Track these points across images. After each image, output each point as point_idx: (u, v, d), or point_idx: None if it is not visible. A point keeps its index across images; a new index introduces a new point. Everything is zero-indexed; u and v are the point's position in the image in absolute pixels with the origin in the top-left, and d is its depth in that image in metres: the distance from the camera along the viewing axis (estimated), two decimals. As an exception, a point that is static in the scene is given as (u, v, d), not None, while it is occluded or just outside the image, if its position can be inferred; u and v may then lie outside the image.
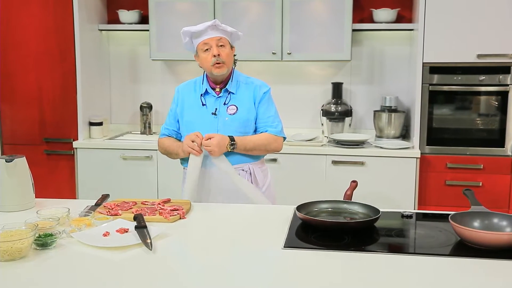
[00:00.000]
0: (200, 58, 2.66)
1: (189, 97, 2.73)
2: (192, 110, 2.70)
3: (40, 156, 4.24)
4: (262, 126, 2.71)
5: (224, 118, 2.65)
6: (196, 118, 2.68)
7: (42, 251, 1.84)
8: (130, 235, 1.98)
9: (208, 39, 2.61)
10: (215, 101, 2.69)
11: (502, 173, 3.79)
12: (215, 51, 2.59)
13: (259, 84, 2.76)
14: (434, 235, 2.08)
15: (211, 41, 2.61)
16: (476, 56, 3.75)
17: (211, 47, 2.60)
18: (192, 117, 2.69)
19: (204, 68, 2.69)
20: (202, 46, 2.62)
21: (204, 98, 2.69)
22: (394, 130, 4.15)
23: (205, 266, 1.74)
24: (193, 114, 2.69)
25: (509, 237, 1.87)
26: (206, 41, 2.61)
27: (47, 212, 2.12)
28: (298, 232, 2.07)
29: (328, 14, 4.06)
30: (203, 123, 2.65)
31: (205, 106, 2.67)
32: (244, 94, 2.71)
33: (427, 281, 1.65)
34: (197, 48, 2.66)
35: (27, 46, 4.15)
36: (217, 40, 2.61)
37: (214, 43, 2.60)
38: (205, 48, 2.61)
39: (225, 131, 2.63)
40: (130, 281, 1.64)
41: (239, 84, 2.72)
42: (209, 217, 2.30)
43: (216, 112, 2.66)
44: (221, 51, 2.61)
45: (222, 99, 2.68)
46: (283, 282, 1.64)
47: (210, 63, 2.61)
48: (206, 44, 2.61)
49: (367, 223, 2.08)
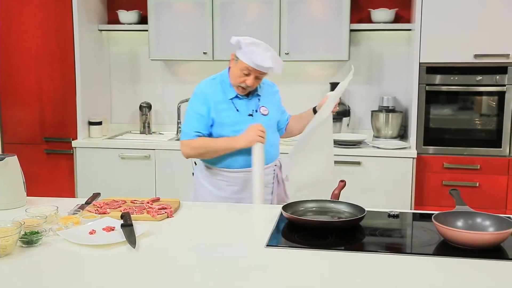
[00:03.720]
0: (234, 69, 2.61)
1: (218, 98, 2.64)
2: (229, 114, 2.64)
3: (40, 155, 4.28)
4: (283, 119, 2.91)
5: (260, 119, 2.67)
6: (235, 122, 2.63)
7: (27, 248, 1.87)
8: (116, 233, 2.00)
9: (252, 69, 2.55)
10: (247, 104, 2.68)
11: (499, 174, 3.78)
12: (250, 82, 2.57)
13: (272, 85, 2.84)
14: (418, 234, 2.09)
15: (254, 72, 2.57)
16: (473, 56, 3.74)
17: (250, 75, 2.57)
18: (231, 121, 2.64)
19: (230, 77, 2.65)
20: (244, 68, 2.56)
21: (234, 103, 2.66)
22: (391, 130, 4.15)
23: (187, 264, 1.76)
24: (231, 119, 2.64)
25: (492, 237, 1.88)
26: (250, 69, 2.55)
27: (35, 210, 2.14)
28: (283, 231, 2.08)
29: (326, 14, 4.06)
30: (242, 126, 2.61)
31: (239, 111, 2.65)
32: (268, 95, 2.77)
33: (409, 280, 1.66)
34: (239, 61, 2.58)
35: (27, 46, 4.19)
36: (259, 73, 2.58)
37: (254, 74, 2.57)
38: (245, 72, 2.57)
39: None
40: (112, 278, 1.66)
41: (261, 85, 2.74)
42: (196, 216, 2.31)
43: (253, 114, 2.67)
44: (255, 82, 2.60)
45: (254, 102, 2.69)
46: (263, 280, 1.65)
47: (238, 83, 2.60)
48: (248, 70, 2.56)
49: (352, 222, 2.09)
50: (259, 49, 2.54)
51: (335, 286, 1.61)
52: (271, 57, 2.54)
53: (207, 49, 4.20)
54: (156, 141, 4.21)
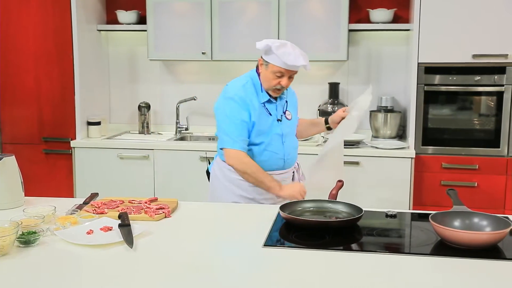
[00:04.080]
0: (265, 73, 2.60)
1: (255, 104, 2.63)
2: (264, 120, 2.64)
3: (39, 155, 4.28)
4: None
5: (287, 123, 2.72)
6: (269, 127, 2.66)
7: (25, 248, 1.87)
8: (113, 233, 2.00)
9: (285, 70, 2.55)
10: (277, 108, 2.70)
11: (497, 174, 3.78)
12: (285, 83, 2.58)
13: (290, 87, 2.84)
14: (415, 234, 2.10)
15: (288, 73, 2.57)
16: (471, 57, 3.74)
17: (284, 76, 2.57)
18: (265, 127, 2.65)
19: (262, 82, 2.64)
20: (276, 71, 2.55)
21: (266, 107, 2.66)
22: (390, 130, 4.15)
23: (184, 264, 1.76)
24: (266, 124, 2.65)
25: (488, 237, 1.88)
26: (283, 70, 2.55)
27: (33, 210, 2.15)
28: (281, 231, 2.08)
29: (324, 14, 4.07)
30: (273, 131, 2.66)
31: (271, 115, 2.67)
32: (291, 99, 2.81)
33: (406, 280, 1.66)
34: (270, 65, 2.57)
35: (26, 46, 4.19)
36: (293, 73, 2.59)
37: (288, 75, 2.57)
38: (278, 74, 2.56)
39: (288, 134, 2.73)
40: (109, 278, 1.66)
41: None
42: (194, 216, 2.32)
43: (281, 118, 2.70)
44: (289, 83, 2.62)
45: (281, 106, 2.72)
46: (260, 280, 1.66)
47: (272, 86, 2.60)
48: (281, 72, 2.55)
49: (349, 222, 2.09)
50: (288, 49, 2.53)
51: (332, 285, 1.61)
52: (301, 55, 2.55)
53: (205, 49, 4.20)
54: (155, 141, 4.21)
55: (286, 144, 2.71)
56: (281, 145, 2.68)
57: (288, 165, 2.73)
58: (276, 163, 2.68)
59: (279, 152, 2.68)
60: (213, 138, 4.42)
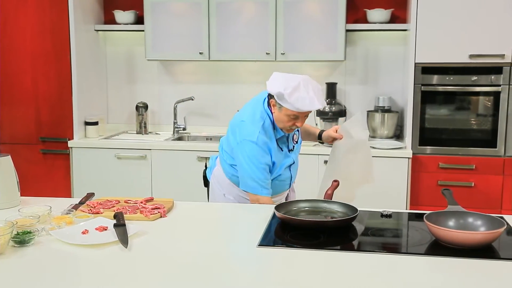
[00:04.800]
0: (279, 115, 2.52)
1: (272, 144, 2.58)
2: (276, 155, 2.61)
3: (36, 155, 4.28)
4: None
5: (296, 149, 2.75)
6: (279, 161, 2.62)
7: (19, 248, 1.87)
8: (109, 233, 2.01)
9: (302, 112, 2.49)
10: (288, 139, 2.68)
11: (494, 174, 3.78)
12: (300, 124, 2.53)
13: None
14: (410, 234, 2.10)
15: (301, 114, 2.50)
16: (468, 57, 3.75)
17: (299, 118, 2.51)
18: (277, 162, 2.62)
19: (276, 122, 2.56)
20: (291, 114, 2.48)
21: (279, 143, 2.63)
22: (387, 130, 4.16)
23: (179, 264, 1.77)
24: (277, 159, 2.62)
25: (483, 237, 1.88)
26: (298, 114, 2.48)
27: (29, 210, 2.15)
28: (276, 231, 2.09)
29: (322, 14, 4.07)
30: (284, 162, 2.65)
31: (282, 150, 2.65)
32: None
33: (400, 279, 1.66)
34: (283, 108, 2.47)
35: (23, 46, 4.19)
36: (308, 113, 2.53)
37: (303, 115, 2.52)
38: (293, 117, 2.49)
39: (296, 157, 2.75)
40: (104, 278, 1.66)
41: None
42: (190, 215, 2.32)
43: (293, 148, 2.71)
44: (304, 122, 2.57)
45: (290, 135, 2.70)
46: (254, 280, 1.66)
47: (287, 127, 2.54)
48: (295, 115, 2.49)
49: (344, 222, 2.09)
50: (301, 93, 2.42)
51: (327, 285, 1.62)
52: (315, 96, 2.44)
53: (203, 49, 4.20)
54: (152, 141, 4.22)
55: (294, 169, 2.74)
56: (289, 172, 2.70)
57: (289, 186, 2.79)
58: (283, 188, 2.73)
59: (287, 179, 2.71)
60: (211, 138, 4.42)
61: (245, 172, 2.55)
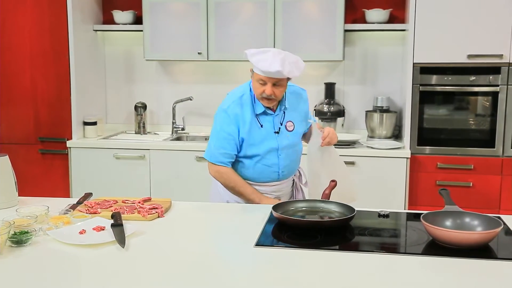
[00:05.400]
0: (253, 82, 2.53)
1: (247, 119, 2.56)
2: (255, 133, 2.57)
3: (35, 155, 4.28)
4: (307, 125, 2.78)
5: (286, 135, 2.62)
6: (261, 139, 2.58)
7: (17, 248, 1.87)
8: (106, 233, 2.01)
9: (265, 77, 2.46)
10: (274, 119, 2.60)
11: (492, 174, 3.79)
12: (269, 91, 2.47)
13: (301, 91, 2.74)
14: (407, 234, 2.10)
15: (268, 80, 2.46)
16: (466, 57, 3.75)
17: (266, 84, 2.47)
18: (256, 140, 2.58)
19: (253, 89, 2.55)
20: (258, 78, 2.48)
21: (259, 119, 2.58)
22: (385, 131, 4.16)
23: (175, 264, 1.77)
24: (257, 137, 2.57)
25: (479, 236, 1.89)
26: (263, 78, 2.47)
27: (26, 210, 2.15)
28: (273, 231, 2.09)
29: (320, 14, 4.07)
30: (267, 143, 2.58)
31: (264, 127, 2.58)
32: (295, 105, 2.67)
33: (396, 279, 1.67)
34: (254, 73, 2.50)
35: (22, 46, 4.19)
36: (275, 81, 2.47)
37: (271, 82, 2.46)
38: (261, 82, 2.48)
39: (287, 147, 2.62)
40: (100, 277, 1.67)
41: (287, 95, 2.64)
42: (187, 215, 2.32)
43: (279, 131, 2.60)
44: (275, 90, 2.48)
45: (279, 117, 2.61)
46: (252, 280, 1.66)
47: (259, 94, 2.51)
48: (263, 80, 2.47)
49: (341, 222, 2.10)
50: (266, 56, 2.44)
51: (324, 285, 1.62)
52: (280, 60, 2.41)
53: (201, 49, 4.20)
54: (151, 141, 4.22)
55: (283, 157, 2.62)
56: (276, 158, 2.60)
57: (284, 177, 2.66)
58: (270, 175, 2.63)
59: (273, 165, 2.61)
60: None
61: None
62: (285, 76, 2.47)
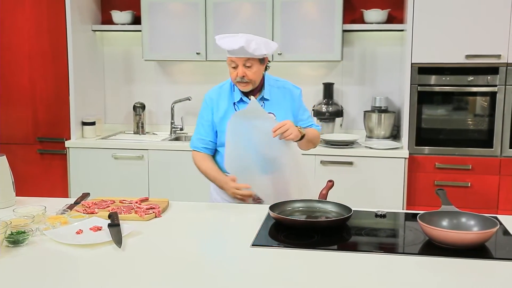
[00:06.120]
0: (228, 69, 2.55)
1: (223, 105, 2.59)
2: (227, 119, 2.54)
3: (33, 155, 4.29)
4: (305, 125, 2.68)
5: None
6: None
7: (13, 248, 1.88)
8: (103, 233, 2.01)
9: (234, 58, 2.47)
10: None
11: (490, 174, 3.79)
12: (240, 72, 2.47)
13: (291, 88, 2.69)
14: (403, 234, 2.10)
15: (237, 61, 2.47)
16: (464, 57, 3.75)
17: (237, 66, 2.48)
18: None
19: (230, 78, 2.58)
20: (229, 62, 2.50)
21: (237, 107, 2.58)
22: (384, 131, 4.16)
23: (172, 264, 1.77)
24: None
25: (475, 236, 1.89)
26: (233, 59, 2.48)
27: (23, 210, 2.15)
28: (270, 231, 2.09)
29: (318, 14, 4.07)
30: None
31: None
32: (279, 100, 2.62)
33: (393, 279, 1.67)
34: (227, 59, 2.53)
35: (20, 46, 4.20)
36: (244, 61, 2.46)
37: (241, 63, 2.47)
38: (232, 65, 2.50)
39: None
40: (97, 278, 1.67)
41: (272, 88, 2.62)
42: (184, 215, 2.32)
43: None
44: (247, 72, 2.48)
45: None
46: (248, 280, 1.66)
47: (233, 78, 2.52)
48: (232, 62, 2.49)
49: (338, 222, 2.10)
50: (231, 38, 2.48)
51: (320, 285, 1.62)
52: (245, 39, 2.43)
53: (200, 50, 4.20)
54: (149, 141, 4.22)
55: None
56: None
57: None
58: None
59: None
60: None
61: None
62: (251, 53, 2.43)
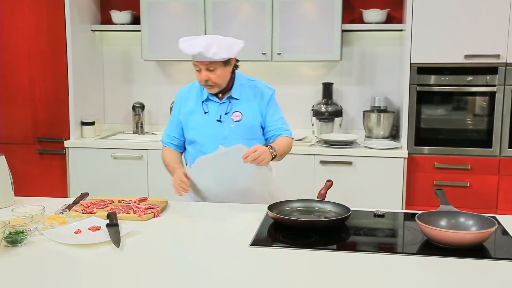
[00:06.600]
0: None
1: (190, 102, 2.63)
2: (196, 117, 2.60)
3: (32, 155, 4.29)
4: (273, 129, 2.65)
5: (229, 125, 2.58)
6: (201, 125, 2.59)
7: (12, 248, 1.88)
8: (101, 233, 2.01)
9: (196, 62, 2.49)
10: (218, 107, 2.59)
11: (489, 174, 3.79)
12: (203, 76, 2.49)
13: (263, 88, 2.68)
14: (402, 234, 2.11)
15: (199, 65, 2.49)
16: (463, 57, 3.75)
17: (201, 70, 2.50)
18: (196, 124, 2.60)
19: None
20: (193, 65, 2.53)
21: (206, 105, 2.60)
22: (383, 131, 4.16)
23: (170, 264, 1.77)
24: (197, 121, 2.60)
25: (474, 236, 1.89)
26: (195, 63, 2.50)
27: (22, 210, 2.15)
28: (268, 231, 2.09)
29: (318, 14, 4.07)
30: (208, 130, 2.57)
31: (208, 114, 2.59)
32: (249, 99, 2.62)
33: (391, 279, 1.67)
34: None
35: (19, 46, 4.20)
36: (207, 65, 2.47)
37: (204, 67, 2.48)
38: (196, 68, 2.52)
39: (232, 138, 2.54)
40: (95, 277, 1.67)
41: (242, 87, 2.63)
42: (183, 215, 2.32)
43: (221, 119, 2.58)
44: (211, 75, 2.49)
45: (225, 106, 2.59)
46: (246, 280, 1.66)
47: (198, 81, 2.54)
48: (195, 65, 2.51)
49: (336, 222, 2.10)
50: (192, 41, 2.49)
51: (319, 285, 1.62)
52: (205, 43, 2.43)
53: (199, 50, 4.20)
54: (148, 141, 4.22)
55: None
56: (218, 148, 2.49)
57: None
58: None
59: None
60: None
61: None
62: (210, 58, 2.44)
